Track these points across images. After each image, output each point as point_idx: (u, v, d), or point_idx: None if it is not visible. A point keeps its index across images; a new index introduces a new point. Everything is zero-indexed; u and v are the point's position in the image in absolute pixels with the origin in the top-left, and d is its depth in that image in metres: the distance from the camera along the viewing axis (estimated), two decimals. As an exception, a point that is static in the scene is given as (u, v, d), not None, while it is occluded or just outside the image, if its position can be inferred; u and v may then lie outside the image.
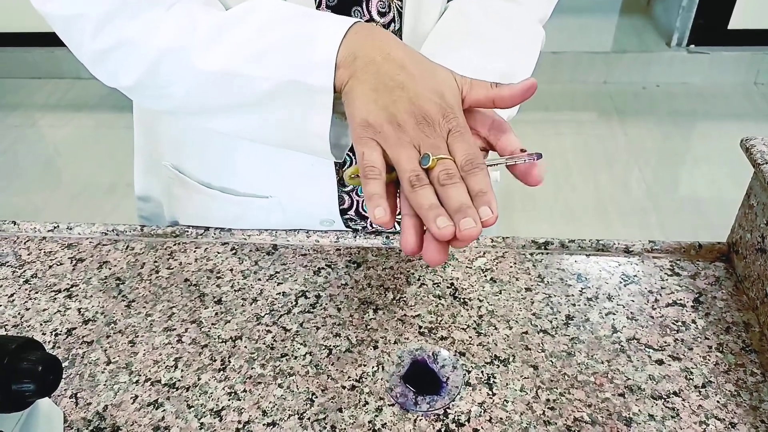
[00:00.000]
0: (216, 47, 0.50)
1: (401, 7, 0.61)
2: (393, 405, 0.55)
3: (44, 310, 0.66)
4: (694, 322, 0.62)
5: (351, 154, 0.68)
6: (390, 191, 0.46)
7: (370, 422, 0.54)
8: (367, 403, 0.55)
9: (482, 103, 0.48)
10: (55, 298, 0.67)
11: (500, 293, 0.65)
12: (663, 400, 0.54)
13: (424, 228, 0.44)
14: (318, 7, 0.59)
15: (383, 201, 0.43)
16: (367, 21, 0.61)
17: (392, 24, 0.62)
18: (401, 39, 0.62)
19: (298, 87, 0.48)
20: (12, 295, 0.68)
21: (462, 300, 0.65)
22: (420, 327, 0.62)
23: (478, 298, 0.65)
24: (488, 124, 0.49)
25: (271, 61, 0.49)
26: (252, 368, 0.59)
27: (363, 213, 0.74)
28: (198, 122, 0.58)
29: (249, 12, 0.51)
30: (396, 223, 0.45)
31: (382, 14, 0.61)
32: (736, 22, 2.69)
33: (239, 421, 0.54)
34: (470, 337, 0.61)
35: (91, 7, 0.52)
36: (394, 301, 0.65)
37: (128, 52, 0.53)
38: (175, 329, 0.63)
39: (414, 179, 0.43)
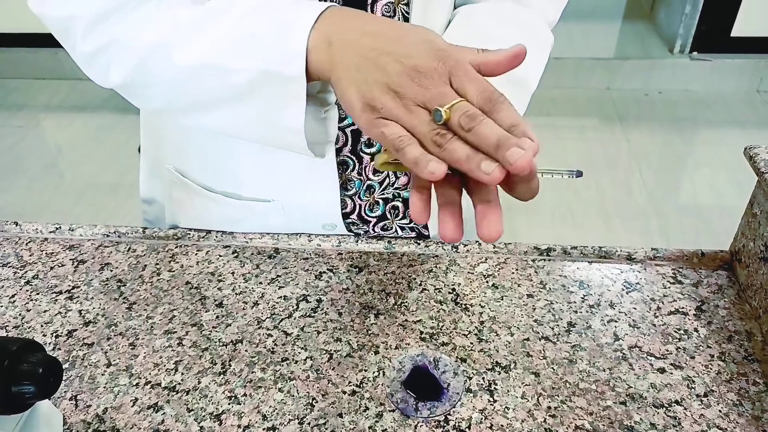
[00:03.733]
0: (195, 41, 0.50)
1: (407, 12, 0.61)
2: (393, 411, 0.55)
3: (45, 311, 0.66)
4: (696, 330, 0.61)
5: (353, 156, 0.68)
6: (424, 184, 0.45)
7: (370, 428, 0.53)
8: (367, 408, 0.55)
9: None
10: (56, 300, 0.67)
11: (502, 299, 0.65)
12: (665, 409, 0.54)
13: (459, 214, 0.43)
14: None
15: (429, 158, 0.41)
16: None
17: (397, 29, 0.62)
18: None
19: (272, 77, 0.47)
20: (13, 296, 0.68)
21: (463, 306, 0.65)
22: (421, 332, 0.62)
23: (480, 304, 0.65)
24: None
25: (246, 52, 0.48)
26: (252, 372, 0.59)
27: (365, 217, 0.74)
28: (185, 121, 0.58)
29: (229, 4, 0.51)
30: (399, 228, 0.44)
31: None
32: (739, 29, 2.69)
33: (239, 426, 0.54)
34: (471, 343, 0.61)
35: (83, 8, 0.53)
36: (396, 306, 0.65)
37: (116, 51, 0.53)
38: (175, 332, 0.63)
39: (437, 138, 0.41)
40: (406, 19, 0.61)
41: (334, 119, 0.53)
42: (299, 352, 0.60)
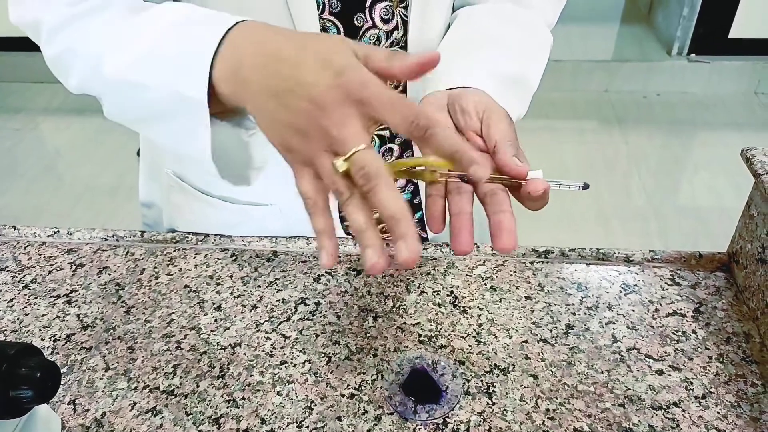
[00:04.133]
0: (122, 54, 0.49)
1: (406, 15, 0.61)
2: (392, 414, 0.55)
3: (43, 315, 0.66)
4: (694, 332, 0.62)
5: None
6: (439, 193, 0.44)
7: (369, 431, 0.53)
8: (366, 411, 0.55)
9: (378, 74, 0.41)
10: (55, 304, 0.67)
11: (500, 302, 0.65)
12: (663, 411, 0.54)
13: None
14: (322, 13, 0.59)
15: (327, 240, 0.39)
16: (370, 28, 0.61)
17: (395, 31, 0.62)
18: (406, 48, 0.63)
19: (182, 99, 0.45)
20: (11, 300, 0.68)
21: (462, 308, 0.65)
22: (420, 335, 0.62)
23: (478, 307, 0.65)
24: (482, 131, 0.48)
25: (161, 70, 0.47)
26: (251, 375, 0.59)
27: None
28: (140, 133, 0.58)
29: (153, 18, 0.50)
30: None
31: (385, 21, 0.61)
32: (736, 31, 2.70)
33: (237, 429, 0.54)
34: (470, 345, 0.61)
35: (45, 16, 0.54)
36: (394, 309, 0.65)
37: (70, 59, 0.54)
38: (174, 336, 0.63)
39: (337, 195, 0.39)
40: (405, 23, 0.61)
41: (261, 144, 0.48)
42: (298, 356, 0.60)
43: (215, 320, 0.64)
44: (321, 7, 0.58)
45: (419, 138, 0.38)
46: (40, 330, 0.64)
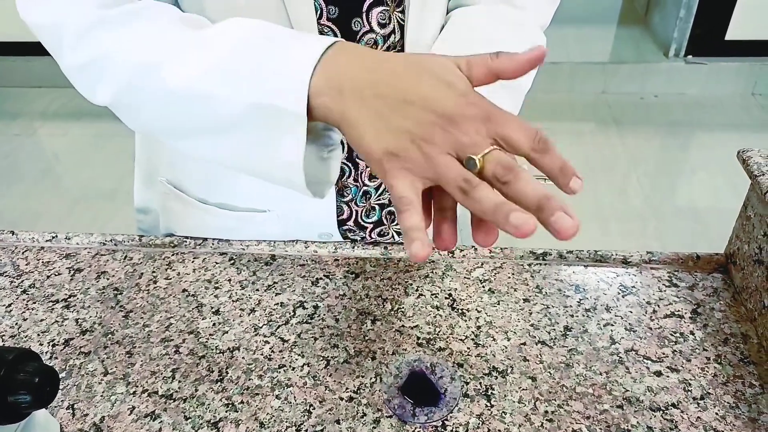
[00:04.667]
0: (188, 66, 0.47)
1: (402, 19, 0.61)
2: (391, 417, 0.55)
3: (42, 320, 0.66)
4: (692, 333, 0.62)
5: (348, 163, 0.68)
6: (448, 205, 0.44)
7: (367, 434, 0.53)
8: (364, 414, 0.55)
9: (485, 79, 0.44)
10: (53, 309, 0.67)
11: (498, 304, 0.65)
12: (661, 412, 0.54)
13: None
14: (320, 19, 0.59)
15: (420, 234, 0.40)
16: (367, 32, 0.61)
17: (392, 35, 0.62)
18: (403, 50, 0.63)
19: (269, 112, 0.45)
20: (9, 305, 0.68)
21: (460, 311, 0.65)
22: (418, 338, 0.62)
23: (476, 309, 0.65)
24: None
25: (244, 82, 0.45)
26: (249, 379, 0.59)
27: (361, 223, 0.74)
28: (174, 145, 0.55)
29: (224, 32, 0.48)
30: (396, 234, 0.44)
31: (382, 26, 0.61)
32: (733, 32, 2.71)
33: (236, 433, 0.54)
34: (468, 348, 0.61)
35: (72, 17, 0.51)
36: (393, 312, 0.65)
37: (104, 67, 0.51)
38: (172, 340, 0.63)
39: (463, 184, 0.39)
40: (402, 27, 0.62)
41: (338, 159, 0.50)
42: (296, 359, 0.60)
43: (214, 324, 0.64)
44: (319, 12, 0.59)
45: (541, 152, 0.40)
46: (38, 335, 0.64)
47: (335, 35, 0.60)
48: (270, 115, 0.45)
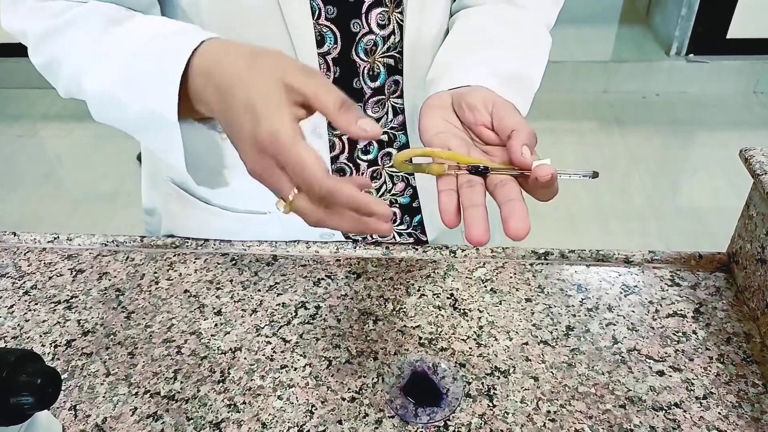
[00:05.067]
0: (101, 69, 0.52)
1: (402, 20, 0.61)
2: (393, 417, 0.55)
3: (44, 321, 0.66)
4: (694, 332, 0.62)
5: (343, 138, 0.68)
6: (451, 186, 0.45)
7: (369, 434, 0.53)
8: (367, 414, 0.55)
9: (325, 113, 0.44)
10: (55, 310, 0.67)
11: (500, 304, 0.65)
12: (664, 412, 0.54)
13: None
14: (318, 19, 0.59)
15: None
16: (366, 33, 0.61)
17: (392, 36, 0.62)
18: (402, 51, 0.63)
19: (156, 115, 0.48)
20: (11, 306, 0.68)
21: (462, 311, 0.65)
22: (420, 338, 0.62)
23: (478, 309, 0.65)
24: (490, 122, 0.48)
25: (135, 86, 0.49)
26: (251, 380, 0.59)
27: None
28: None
29: (131, 32, 0.52)
30: (397, 234, 0.44)
31: (381, 26, 0.61)
32: (735, 31, 2.70)
33: (238, 434, 0.54)
34: (470, 348, 0.61)
35: (30, 26, 0.56)
36: (394, 312, 0.65)
37: (56, 71, 0.57)
38: (174, 341, 0.63)
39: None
40: (401, 27, 0.62)
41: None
42: (298, 359, 0.60)
43: (215, 325, 0.64)
44: (317, 12, 0.58)
45: (328, 199, 0.42)
46: (40, 336, 0.64)
47: (334, 37, 0.60)
48: (157, 119, 0.48)
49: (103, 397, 0.58)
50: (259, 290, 0.68)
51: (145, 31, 0.52)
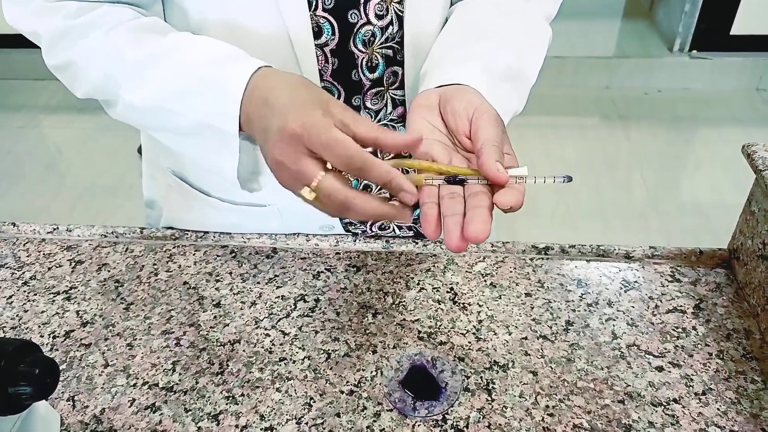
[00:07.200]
0: (142, 84, 0.54)
1: (401, 11, 0.61)
2: (391, 410, 0.55)
3: (42, 312, 0.66)
4: (694, 328, 0.61)
5: None
6: (434, 200, 0.47)
7: (368, 427, 0.53)
8: (365, 408, 0.55)
9: (366, 142, 0.47)
10: (54, 300, 0.67)
11: (500, 298, 0.65)
12: (663, 407, 0.54)
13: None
14: (315, 10, 0.58)
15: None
16: (364, 24, 0.61)
17: (390, 27, 0.62)
18: (402, 43, 0.62)
19: (211, 129, 0.52)
20: (10, 296, 0.68)
21: (461, 305, 0.64)
22: (419, 332, 0.62)
23: (478, 303, 0.65)
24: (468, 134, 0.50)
25: (189, 100, 0.53)
26: (250, 372, 0.59)
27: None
28: (150, 133, 0.64)
29: (172, 49, 0.55)
30: (396, 228, 0.45)
31: (380, 17, 0.61)
32: (738, 27, 2.69)
33: (237, 426, 0.54)
34: (469, 342, 0.60)
35: (43, 27, 0.57)
36: (394, 306, 0.65)
37: (74, 73, 0.58)
38: (173, 332, 0.63)
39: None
40: (400, 18, 0.61)
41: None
42: (297, 352, 0.60)
43: (214, 317, 0.64)
44: (314, 4, 0.58)
45: (355, 172, 0.45)
46: (39, 326, 0.64)
47: (332, 27, 0.60)
48: (214, 132, 0.52)
49: (102, 388, 0.58)
50: (259, 283, 0.68)
51: (189, 49, 0.55)
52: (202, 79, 0.52)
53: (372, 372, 0.58)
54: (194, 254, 0.72)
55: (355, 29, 0.61)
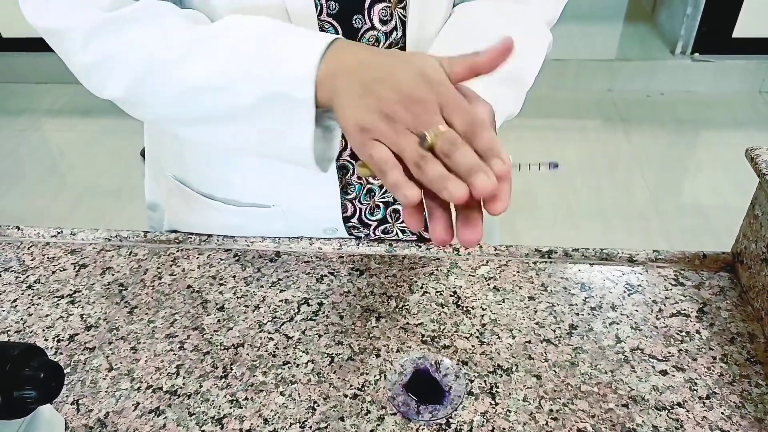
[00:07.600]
0: (204, 62, 0.52)
1: (404, 16, 0.61)
2: (395, 414, 0.55)
3: (47, 315, 0.66)
4: (698, 332, 0.61)
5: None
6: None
7: (371, 431, 0.53)
8: (369, 411, 0.55)
9: (465, 75, 0.47)
10: (58, 304, 0.67)
11: (503, 302, 0.65)
12: (667, 411, 0.54)
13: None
14: (320, 15, 0.59)
15: (407, 185, 0.43)
16: (368, 29, 0.61)
17: (394, 32, 0.62)
18: (405, 48, 0.63)
19: (280, 100, 0.49)
20: (15, 300, 0.68)
21: (465, 308, 0.64)
22: (423, 335, 0.62)
23: (481, 307, 0.65)
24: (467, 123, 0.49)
25: (253, 74, 0.50)
26: (254, 376, 0.59)
27: (365, 221, 0.74)
28: (185, 134, 0.60)
29: (231, 27, 0.52)
30: (400, 231, 0.45)
31: (384, 22, 0.61)
32: (740, 30, 2.69)
33: (240, 429, 0.54)
34: (473, 345, 0.60)
35: (78, 22, 0.54)
36: (397, 309, 0.65)
37: (113, 66, 0.55)
38: (177, 336, 0.63)
39: (417, 158, 0.43)
40: (403, 23, 0.61)
41: (338, 137, 0.55)
42: (300, 356, 0.60)
43: (218, 320, 0.64)
44: (319, 8, 0.58)
45: (471, 134, 0.44)
46: (43, 330, 0.64)
47: (336, 32, 0.60)
48: (280, 103, 0.49)
49: (106, 391, 0.58)
50: (262, 286, 0.68)
51: (253, 25, 0.52)
52: (267, 50, 0.50)
53: (375, 376, 0.58)
54: (198, 258, 0.73)
55: (360, 34, 0.61)
